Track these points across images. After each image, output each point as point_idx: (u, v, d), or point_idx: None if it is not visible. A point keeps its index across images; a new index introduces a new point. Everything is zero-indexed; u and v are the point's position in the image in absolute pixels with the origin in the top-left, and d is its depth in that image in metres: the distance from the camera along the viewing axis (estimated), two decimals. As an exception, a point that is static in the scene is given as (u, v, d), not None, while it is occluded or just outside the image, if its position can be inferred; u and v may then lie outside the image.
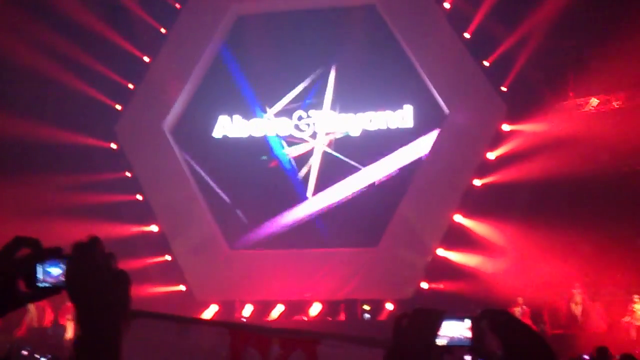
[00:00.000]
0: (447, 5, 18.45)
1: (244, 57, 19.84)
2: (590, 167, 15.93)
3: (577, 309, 15.04)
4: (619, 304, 14.81)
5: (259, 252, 18.68)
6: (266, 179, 19.25)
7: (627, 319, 14.37)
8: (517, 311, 14.80)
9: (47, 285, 1.40)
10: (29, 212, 15.39)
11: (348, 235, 18.52)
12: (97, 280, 1.35)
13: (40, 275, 1.39)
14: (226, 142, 19.66)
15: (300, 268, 18.21)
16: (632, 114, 16.18)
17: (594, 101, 16.97)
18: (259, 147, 19.54)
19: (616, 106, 16.83)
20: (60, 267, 1.39)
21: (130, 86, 19.81)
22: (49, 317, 16.20)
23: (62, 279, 1.39)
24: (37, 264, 1.39)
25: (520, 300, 15.02)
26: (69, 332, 15.67)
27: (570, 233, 15.29)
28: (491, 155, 17.62)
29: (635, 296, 14.43)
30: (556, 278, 15.57)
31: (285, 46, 19.63)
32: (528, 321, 14.79)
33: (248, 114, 19.69)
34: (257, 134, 19.56)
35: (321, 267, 18.14)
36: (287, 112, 19.53)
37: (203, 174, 19.49)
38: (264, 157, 19.46)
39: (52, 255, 1.41)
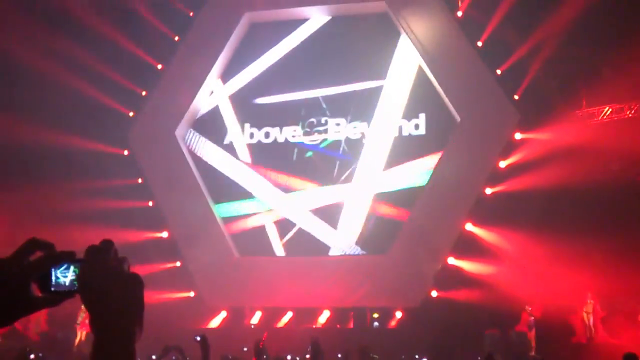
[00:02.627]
0: (460, 13, 18.44)
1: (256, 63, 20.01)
2: (602, 176, 15.82)
3: (589, 319, 14.91)
4: (632, 313, 14.65)
5: (268, 259, 18.69)
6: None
7: None
8: (528, 319, 14.73)
9: (60, 289, 1.40)
10: (43, 217, 15.52)
11: (359, 242, 18.52)
12: (111, 284, 1.36)
13: (54, 279, 1.40)
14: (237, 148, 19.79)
15: (310, 275, 18.18)
16: (645, 123, 16.09)
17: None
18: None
19: (629, 115, 16.72)
20: (74, 271, 1.40)
21: (143, 93, 19.94)
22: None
23: (76, 283, 1.40)
24: (51, 268, 1.40)
25: (528, 309, 14.92)
26: (78, 338, 15.75)
27: (582, 242, 15.16)
28: (503, 164, 17.55)
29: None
30: (568, 287, 15.44)
31: (298, 54, 19.74)
32: (532, 330, 14.74)
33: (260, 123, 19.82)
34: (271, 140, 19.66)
35: (331, 274, 18.10)
36: (296, 118, 19.60)
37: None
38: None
39: (66, 259, 1.41)
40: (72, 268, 1.40)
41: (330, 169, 19.17)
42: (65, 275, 1.40)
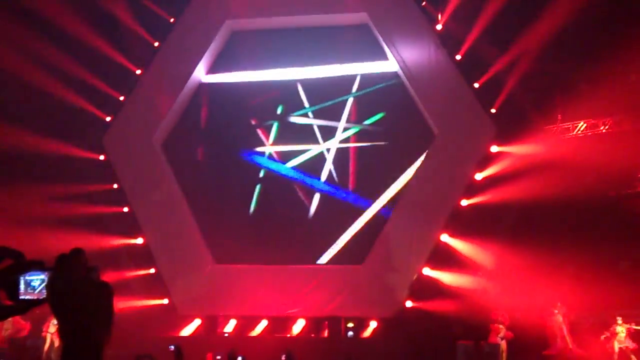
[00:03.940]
0: (439, 27, 18.62)
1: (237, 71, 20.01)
2: (576, 191, 16.04)
3: (560, 330, 15.05)
4: (601, 325, 14.82)
5: (244, 267, 18.57)
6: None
7: (605, 336, 14.42)
8: (499, 328, 14.82)
9: (29, 297, 1.38)
10: (15, 222, 15.26)
11: (334, 252, 18.54)
12: (80, 292, 1.34)
13: (22, 287, 1.38)
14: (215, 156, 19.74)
15: (285, 284, 18.13)
16: (619, 138, 16.34)
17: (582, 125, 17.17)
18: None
19: (604, 131, 16.99)
20: (42, 280, 1.38)
21: (121, 98, 19.78)
22: (25, 327, 16.00)
23: (45, 291, 1.38)
24: (20, 276, 1.38)
25: (500, 318, 15.04)
26: (47, 344, 15.50)
27: (555, 254, 15.36)
28: (479, 176, 17.71)
29: (618, 318, 14.48)
30: (541, 299, 15.60)
31: (276, 62, 19.80)
32: (503, 341, 14.85)
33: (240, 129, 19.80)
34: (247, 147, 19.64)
35: (306, 284, 18.07)
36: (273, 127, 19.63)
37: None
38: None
39: (35, 267, 1.40)
40: (41, 276, 1.39)
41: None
42: (34, 284, 1.38)
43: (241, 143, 19.80)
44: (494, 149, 17.68)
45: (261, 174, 19.54)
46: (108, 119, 19.62)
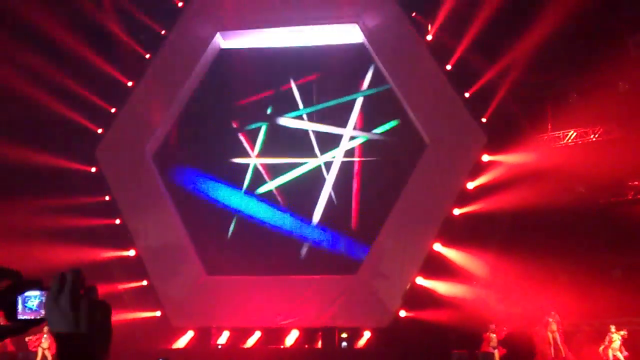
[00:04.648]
0: (429, 37, 18.72)
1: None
2: (567, 199, 16.14)
3: (554, 337, 15.10)
4: (594, 333, 14.87)
5: (237, 278, 18.51)
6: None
7: (603, 346, 14.47)
8: (491, 337, 14.85)
9: (27, 317, 1.39)
10: (7, 234, 15.16)
11: (327, 262, 18.51)
12: (78, 311, 1.35)
13: (20, 307, 1.38)
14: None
15: (278, 295, 18.07)
16: (609, 147, 16.46)
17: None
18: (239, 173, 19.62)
19: (594, 139, 17.10)
20: (40, 299, 1.39)
21: (113, 110, 19.73)
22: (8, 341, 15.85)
23: (43, 310, 1.38)
24: (18, 296, 1.39)
25: (492, 327, 15.07)
26: (39, 358, 15.39)
27: (547, 263, 15.42)
28: (470, 185, 17.77)
29: (612, 326, 14.53)
30: (533, 306, 15.65)
31: (268, 78, 19.88)
32: (496, 350, 14.87)
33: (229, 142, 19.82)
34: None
35: (299, 294, 18.02)
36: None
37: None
38: None
39: (33, 286, 1.40)
40: (38, 295, 1.39)
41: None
42: (32, 303, 1.38)
43: (229, 152, 19.79)
44: (485, 158, 17.75)
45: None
46: (100, 131, 19.56)
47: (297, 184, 19.18)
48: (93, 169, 19.32)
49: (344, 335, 17.26)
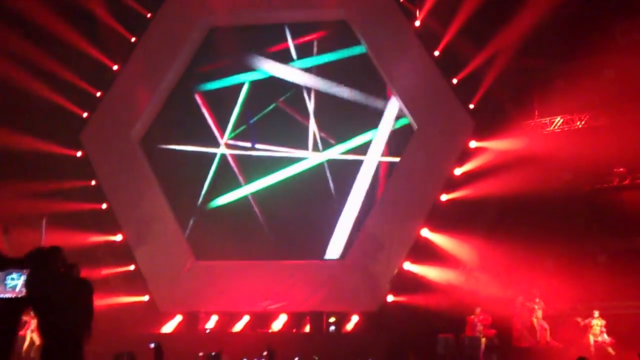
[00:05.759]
0: (417, 23, 18.69)
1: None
2: (553, 185, 16.26)
3: (538, 322, 15.25)
4: (581, 318, 15.00)
5: (225, 263, 18.52)
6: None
7: (582, 322, 14.58)
8: (476, 320, 14.99)
9: (9, 295, 1.38)
10: (-10, 219, 15.02)
11: (314, 247, 18.57)
12: (59, 289, 1.34)
13: (1, 286, 1.37)
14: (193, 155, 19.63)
15: (267, 280, 18.12)
16: (595, 133, 16.57)
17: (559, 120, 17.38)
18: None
19: (580, 126, 17.20)
20: (21, 278, 1.38)
21: (98, 94, 19.58)
22: None
23: (24, 289, 1.37)
24: None
25: (478, 310, 15.20)
26: (27, 343, 15.33)
27: (533, 248, 15.56)
28: (458, 171, 17.84)
29: (595, 311, 14.68)
30: (518, 291, 15.79)
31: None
32: (489, 329, 15.04)
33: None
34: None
35: (287, 279, 18.08)
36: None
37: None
38: None
39: (14, 265, 1.39)
40: (19, 275, 1.38)
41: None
42: (13, 282, 1.37)
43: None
44: (473, 144, 17.81)
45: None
46: (85, 115, 19.41)
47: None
48: (79, 154, 19.18)
49: (332, 319, 17.35)
